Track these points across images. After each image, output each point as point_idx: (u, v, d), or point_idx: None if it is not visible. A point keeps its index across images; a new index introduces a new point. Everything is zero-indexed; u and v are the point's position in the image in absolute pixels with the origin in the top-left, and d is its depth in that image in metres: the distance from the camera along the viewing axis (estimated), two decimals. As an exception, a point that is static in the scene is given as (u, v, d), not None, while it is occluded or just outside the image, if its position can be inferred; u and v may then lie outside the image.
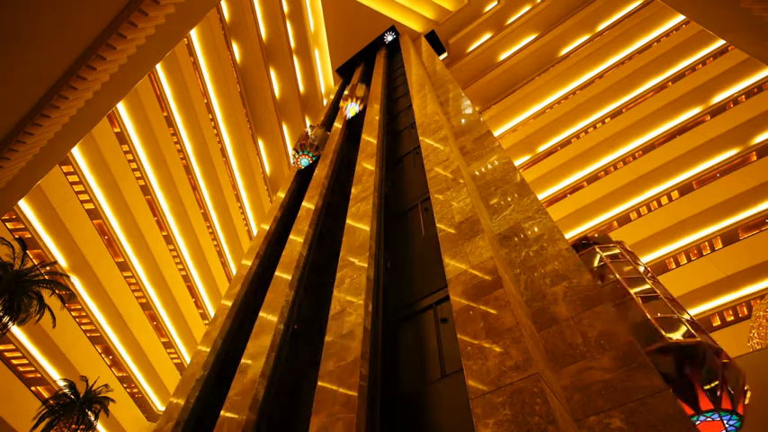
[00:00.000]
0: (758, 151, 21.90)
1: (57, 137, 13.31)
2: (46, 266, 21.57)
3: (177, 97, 31.14)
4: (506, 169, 8.07)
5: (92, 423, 23.27)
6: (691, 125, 24.51)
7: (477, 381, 3.95)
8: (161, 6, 11.49)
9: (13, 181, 13.81)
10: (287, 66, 32.32)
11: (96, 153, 27.12)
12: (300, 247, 10.88)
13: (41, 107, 11.87)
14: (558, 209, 26.32)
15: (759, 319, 13.51)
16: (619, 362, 3.84)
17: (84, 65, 11.46)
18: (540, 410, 3.34)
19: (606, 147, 26.78)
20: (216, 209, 37.55)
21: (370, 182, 10.48)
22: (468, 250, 5.75)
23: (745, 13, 8.82)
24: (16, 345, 25.49)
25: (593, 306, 4.52)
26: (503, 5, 32.05)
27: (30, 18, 9.84)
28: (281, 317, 8.73)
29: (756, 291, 18.85)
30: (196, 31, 29.94)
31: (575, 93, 30.39)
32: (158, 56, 14.14)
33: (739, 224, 20.88)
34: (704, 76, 24.58)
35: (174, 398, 9.30)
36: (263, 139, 37.13)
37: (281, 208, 16.22)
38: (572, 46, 31.53)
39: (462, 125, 11.34)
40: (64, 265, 27.11)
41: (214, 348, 10.24)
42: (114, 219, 29.55)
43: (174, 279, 34.75)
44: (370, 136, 13.68)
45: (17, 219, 25.01)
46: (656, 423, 3.26)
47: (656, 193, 23.92)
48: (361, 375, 5.24)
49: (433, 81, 17.48)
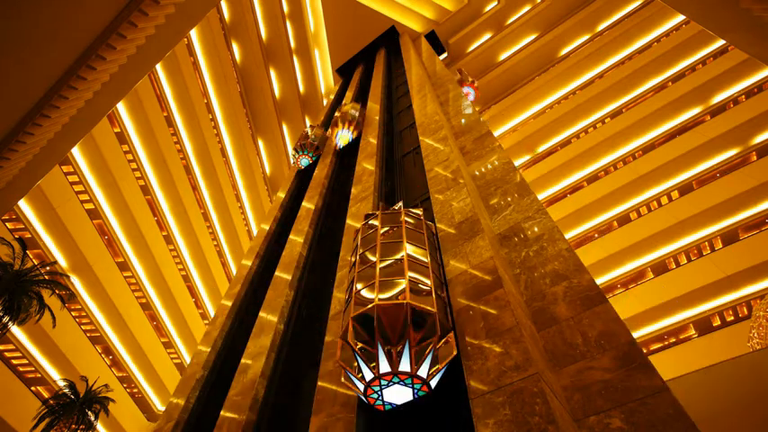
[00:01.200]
0: (758, 151, 21.90)
1: (57, 137, 13.31)
2: (46, 266, 21.59)
3: (177, 97, 31.15)
4: (506, 169, 8.07)
5: (92, 423, 23.28)
6: (691, 125, 24.51)
7: (477, 381, 3.95)
8: (161, 6, 11.49)
9: (13, 181, 13.81)
10: (287, 66, 32.32)
11: (96, 153, 27.12)
12: (300, 247, 10.88)
13: (41, 107, 11.87)
14: (558, 209, 26.31)
15: (759, 319, 13.51)
16: (619, 362, 3.85)
17: (84, 65, 11.46)
18: (540, 410, 3.34)
19: (606, 147, 26.78)
20: (216, 209, 37.55)
21: (370, 182, 10.49)
22: (468, 250, 5.75)
23: (745, 13, 8.82)
24: (16, 345, 25.49)
25: (593, 306, 4.52)
26: (503, 5, 32.06)
27: (30, 18, 9.84)
28: (281, 317, 8.74)
29: (756, 291, 18.84)
30: (196, 31, 29.95)
31: (575, 93, 30.39)
32: (158, 56, 14.14)
33: (739, 224, 20.88)
34: (704, 76, 24.58)
35: (174, 398, 9.30)
36: (263, 139, 37.14)
37: (281, 208, 16.21)
38: (572, 46, 31.53)
39: (462, 125, 11.34)
40: (64, 265, 27.11)
41: (214, 348, 10.24)
42: (114, 219, 29.55)
43: (174, 279, 34.75)
44: (371, 136, 13.69)
45: (17, 219, 25.01)
46: (656, 423, 3.26)
47: (656, 193, 23.92)
48: (361, 375, 5.23)
49: (433, 81, 17.48)
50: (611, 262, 23.35)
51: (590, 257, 23.23)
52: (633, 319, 20.79)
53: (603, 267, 23.44)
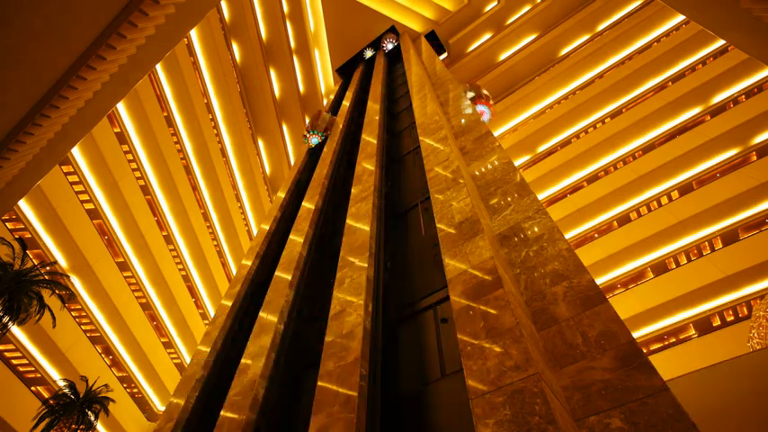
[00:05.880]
0: (758, 151, 21.90)
1: (57, 137, 13.30)
2: (46, 266, 21.57)
3: (177, 97, 31.13)
4: (506, 169, 8.07)
5: (92, 423, 23.26)
6: (691, 125, 24.50)
7: (477, 381, 3.95)
8: (161, 6, 11.48)
9: (13, 181, 13.80)
10: (287, 66, 32.32)
11: (96, 153, 27.10)
12: (300, 247, 10.88)
13: (41, 107, 11.86)
14: (558, 209, 26.31)
15: (759, 319, 13.51)
16: (619, 362, 3.85)
17: (84, 65, 11.45)
18: (540, 410, 3.34)
19: (606, 147, 26.77)
20: (216, 209, 37.53)
21: (370, 182, 10.49)
22: (468, 250, 5.75)
23: (745, 13, 8.82)
24: (16, 345, 25.47)
25: (593, 306, 4.52)
26: (503, 5, 32.06)
27: (29, 18, 9.84)
28: (281, 317, 8.73)
29: (756, 291, 18.83)
30: (196, 31, 29.93)
31: (575, 93, 30.38)
32: (158, 56, 14.13)
33: (739, 224, 20.87)
34: (704, 76, 24.57)
35: (174, 398, 9.30)
36: (263, 139, 37.14)
37: (281, 208, 16.22)
38: (572, 46, 31.53)
39: (462, 125, 11.34)
40: (64, 265, 27.09)
41: (214, 348, 10.24)
42: (114, 219, 29.53)
43: (174, 279, 34.73)
44: (370, 136, 13.69)
45: (17, 219, 25.00)
46: (657, 423, 3.26)
47: (656, 193, 23.91)
48: (362, 375, 5.24)
49: (433, 81, 17.48)
50: (611, 262, 23.34)
51: (590, 257, 23.23)
52: (633, 319, 20.78)
53: (603, 267, 23.44)
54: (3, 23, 9.58)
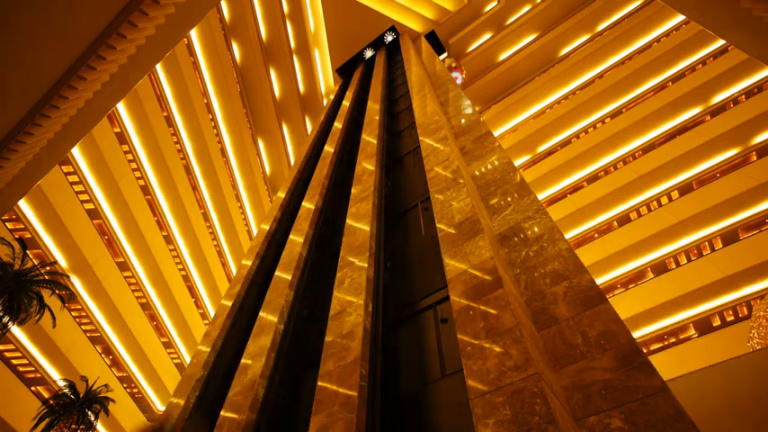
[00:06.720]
0: (758, 151, 21.90)
1: (57, 137, 13.30)
2: (46, 266, 21.57)
3: (177, 97, 31.13)
4: (506, 169, 8.07)
5: (92, 423, 23.25)
6: (691, 125, 24.50)
7: (477, 381, 3.95)
8: (161, 6, 11.49)
9: (13, 181, 13.81)
10: (287, 66, 32.32)
11: (96, 153, 27.10)
12: (300, 247, 10.88)
13: (41, 107, 11.86)
14: (558, 209, 26.32)
15: (759, 319, 13.52)
16: (619, 362, 3.84)
17: (84, 65, 11.46)
18: (540, 410, 3.34)
19: (606, 147, 26.78)
20: (216, 209, 37.53)
21: (370, 182, 10.49)
22: (468, 250, 5.75)
23: (745, 13, 8.82)
24: (16, 345, 25.47)
25: (593, 306, 4.52)
26: (503, 5, 32.06)
27: (29, 18, 9.84)
28: (281, 317, 8.73)
29: (756, 291, 18.83)
30: (196, 31, 29.92)
31: (575, 93, 30.38)
32: (158, 56, 14.14)
33: (739, 224, 20.87)
34: (704, 76, 24.57)
35: (174, 398, 9.29)
36: (263, 139, 37.13)
37: (280, 208, 16.21)
38: (572, 46, 31.54)
39: (462, 125, 11.34)
40: (64, 265, 27.09)
41: (214, 348, 10.22)
42: (114, 219, 29.53)
43: (174, 279, 34.73)
44: (370, 136, 13.68)
45: (17, 219, 25.00)
46: (657, 423, 3.26)
47: (656, 193, 23.92)
48: (361, 375, 5.24)
49: (433, 81, 17.48)
50: (611, 262, 23.35)
51: (590, 257, 23.23)
52: (633, 319, 20.79)
53: (603, 267, 23.44)
54: (3, 23, 9.58)
